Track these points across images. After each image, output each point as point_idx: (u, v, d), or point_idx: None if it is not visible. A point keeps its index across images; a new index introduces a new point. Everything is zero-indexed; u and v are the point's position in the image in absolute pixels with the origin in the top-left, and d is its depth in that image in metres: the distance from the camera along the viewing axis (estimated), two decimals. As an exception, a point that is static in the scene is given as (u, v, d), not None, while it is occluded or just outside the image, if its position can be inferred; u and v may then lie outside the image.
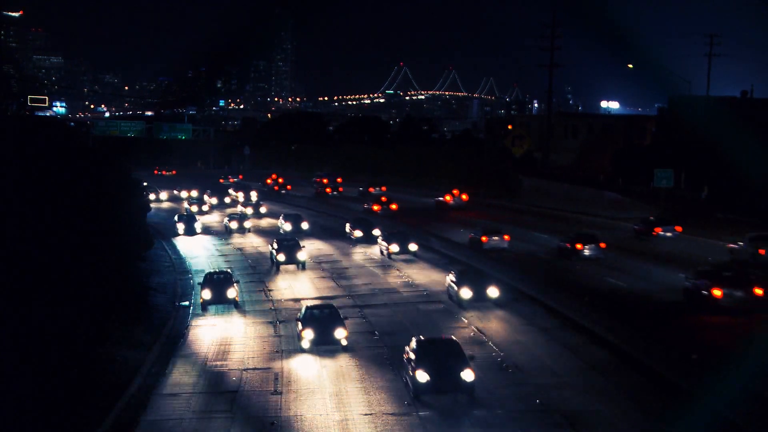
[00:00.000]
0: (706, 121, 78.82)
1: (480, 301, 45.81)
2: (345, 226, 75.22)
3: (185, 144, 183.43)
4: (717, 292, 41.14)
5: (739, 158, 67.85)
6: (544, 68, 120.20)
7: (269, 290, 53.34)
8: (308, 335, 37.65)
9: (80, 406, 29.76)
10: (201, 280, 49.83)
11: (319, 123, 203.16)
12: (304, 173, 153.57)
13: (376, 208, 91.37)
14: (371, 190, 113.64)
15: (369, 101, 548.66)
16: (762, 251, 54.32)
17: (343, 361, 36.38)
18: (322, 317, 38.51)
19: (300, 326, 38.58)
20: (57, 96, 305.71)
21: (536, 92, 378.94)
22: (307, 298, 49.29)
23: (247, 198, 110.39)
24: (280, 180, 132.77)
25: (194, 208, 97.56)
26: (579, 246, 58.61)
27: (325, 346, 37.89)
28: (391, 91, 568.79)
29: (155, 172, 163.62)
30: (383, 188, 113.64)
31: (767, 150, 65.18)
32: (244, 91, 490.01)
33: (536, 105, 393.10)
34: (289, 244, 60.83)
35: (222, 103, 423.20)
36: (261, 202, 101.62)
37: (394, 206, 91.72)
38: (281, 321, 44.63)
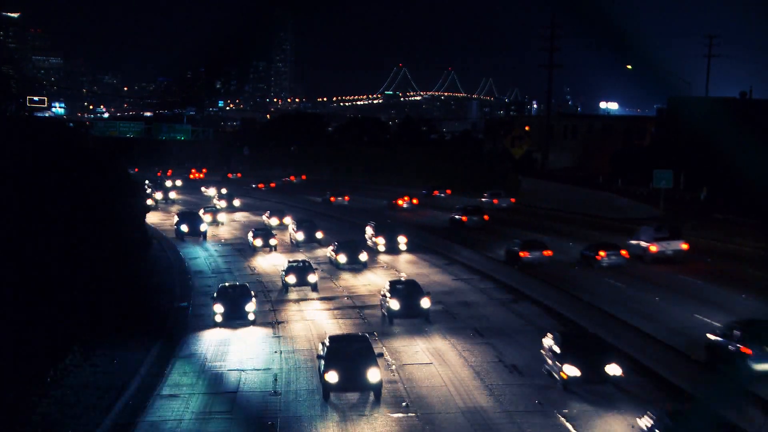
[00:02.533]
0: (705, 122, 78.84)
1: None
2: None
3: (184, 145, 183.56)
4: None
5: (738, 159, 67.84)
6: (543, 69, 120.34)
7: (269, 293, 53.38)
8: (332, 377, 30.59)
9: (79, 407, 29.75)
10: (214, 292, 45.33)
11: (318, 124, 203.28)
12: (305, 173, 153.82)
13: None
14: (332, 199, 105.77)
15: (368, 102, 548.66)
16: None
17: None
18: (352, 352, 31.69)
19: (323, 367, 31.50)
20: (56, 96, 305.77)
21: (536, 93, 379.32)
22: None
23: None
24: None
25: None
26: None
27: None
28: (390, 92, 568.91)
29: (158, 174, 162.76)
30: (346, 198, 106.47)
31: (766, 151, 65.21)
32: (243, 91, 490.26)
33: (535, 106, 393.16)
34: (300, 266, 52.47)
35: (221, 103, 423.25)
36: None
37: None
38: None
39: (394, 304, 42.16)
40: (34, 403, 29.35)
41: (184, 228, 74.22)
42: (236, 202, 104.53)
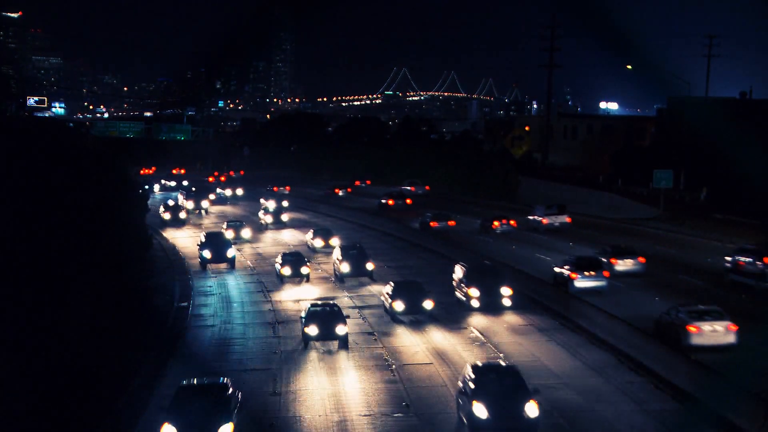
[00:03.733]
0: (705, 122, 78.86)
1: None
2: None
3: (184, 145, 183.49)
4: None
5: (738, 159, 67.93)
6: (543, 69, 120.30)
7: (269, 291, 53.33)
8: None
9: (79, 407, 29.74)
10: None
11: (318, 124, 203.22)
12: (305, 174, 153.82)
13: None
14: (275, 189, 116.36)
15: (368, 102, 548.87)
16: None
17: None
18: None
19: None
20: (56, 96, 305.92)
21: (535, 93, 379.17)
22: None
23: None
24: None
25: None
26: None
27: None
28: (390, 92, 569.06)
29: (175, 171, 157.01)
30: (287, 188, 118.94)
31: (766, 151, 65.26)
32: (243, 91, 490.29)
33: (535, 106, 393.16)
34: (324, 311, 39.86)
35: (221, 103, 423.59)
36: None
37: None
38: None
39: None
40: (35, 403, 29.33)
41: (207, 254, 60.33)
42: (285, 217, 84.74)
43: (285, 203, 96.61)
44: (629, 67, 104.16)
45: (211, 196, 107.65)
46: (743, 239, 62.27)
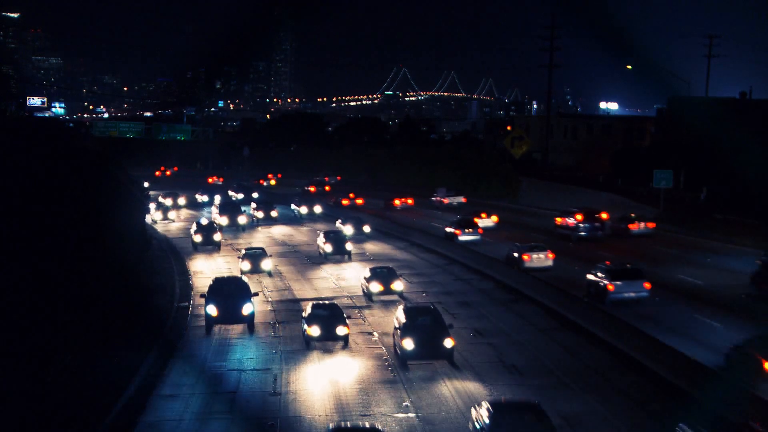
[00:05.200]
0: (705, 122, 78.93)
1: None
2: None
3: (184, 145, 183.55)
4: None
5: (738, 159, 67.97)
6: (543, 69, 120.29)
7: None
8: None
9: (79, 407, 29.73)
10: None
11: (318, 124, 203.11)
12: (305, 174, 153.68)
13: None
14: (211, 180, 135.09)
15: (368, 102, 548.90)
16: None
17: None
18: None
19: None
20: (56, 97, 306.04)
21: (535, 93, 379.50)
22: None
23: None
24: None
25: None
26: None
27: None
28: (390, 92, 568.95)
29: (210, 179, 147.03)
30: (263, 181, 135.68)
31: (766, 151, 65.27)
32: (243, 91, 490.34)
33: (535, 106, 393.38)
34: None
35: (221, 103, 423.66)
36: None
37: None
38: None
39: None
40: (35, 403, 29.34)
41: (213, 310, 41.31)
42: (349, 246, 64.02)
43: (366, 228, 74.43)
44: (629, 67, 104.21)
45: (273, 213, 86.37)
46: (743, 239, 62.35)
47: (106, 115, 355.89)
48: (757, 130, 72.39)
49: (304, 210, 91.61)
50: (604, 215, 70.76)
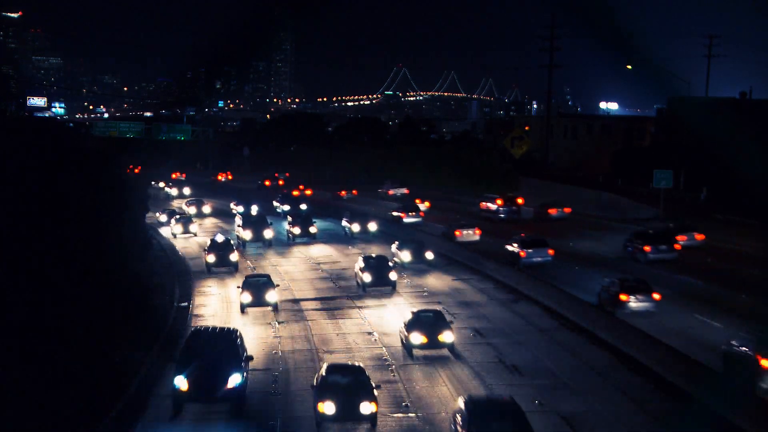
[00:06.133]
0: (705, 122, 78.87)
1: None
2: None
3: (184, 145, 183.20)
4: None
5: (738, 159, 67.91)
6: (543, 69, 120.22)
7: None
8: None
9: (79, 407, 29.74)
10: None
11: (318, 124, 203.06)
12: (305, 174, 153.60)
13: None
14: (175, 175, 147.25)
15: (368, 102, 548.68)
16: None
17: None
18: None
19: None
20: (56, 97, 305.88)
21: (535, 93, 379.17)
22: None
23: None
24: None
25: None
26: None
27: None
28: (390, 92, 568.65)
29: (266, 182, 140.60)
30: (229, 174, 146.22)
31: (766, 151, 65.24)
32: (243, 91, 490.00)
33: (535, 106, 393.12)
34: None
35: (221, 103, 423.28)
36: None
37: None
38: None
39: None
40: (35, 403, 29.35)
41: (182, 385, 29.82)
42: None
43: (429, 255, 59.21)
44: (629, 67, 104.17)
45: (312, 229, 72.43)
46: (743, 239, 62.34)
47: (106, 115, 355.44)
48: (757, 130, 72.29)
49: (356, 228, 73.58)
50: (519, 200, 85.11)
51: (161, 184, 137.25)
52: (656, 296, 42.43)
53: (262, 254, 66.43)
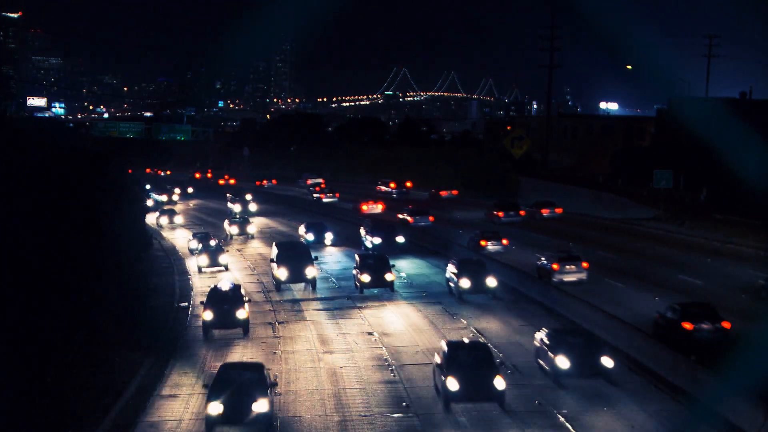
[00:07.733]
0: (705, 122, 78.73)
1: None
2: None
3: (184, 145, 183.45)
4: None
5: (738, 160, 67.83)
6: (543, 69, 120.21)
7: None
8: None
9: (79, 407, 29.74)
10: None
11: (318, 124, 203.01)
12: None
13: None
14: (156, 171, 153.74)
15: (368, 102, 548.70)
16: None
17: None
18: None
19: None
20: (56, 97, 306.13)
21: (535, 93, 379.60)
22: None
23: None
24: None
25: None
26: None
27: None
28: (390, 92, 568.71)
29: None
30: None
31: (766, 151, 65.19)
32: (243, 92, 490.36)
33: (535, 106, 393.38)
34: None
35: (221, 103, 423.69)
36: None
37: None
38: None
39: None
40: (35, 403, 29.35)
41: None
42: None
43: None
44: (629, 67, 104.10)
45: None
46: (743, 239, 62.34)
47: (106, 116, 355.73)
48: (757, 131, 72.23)
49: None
50: (408, 184, 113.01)
51: (227, 197, 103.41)
52: (504, 242, 62.25)
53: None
